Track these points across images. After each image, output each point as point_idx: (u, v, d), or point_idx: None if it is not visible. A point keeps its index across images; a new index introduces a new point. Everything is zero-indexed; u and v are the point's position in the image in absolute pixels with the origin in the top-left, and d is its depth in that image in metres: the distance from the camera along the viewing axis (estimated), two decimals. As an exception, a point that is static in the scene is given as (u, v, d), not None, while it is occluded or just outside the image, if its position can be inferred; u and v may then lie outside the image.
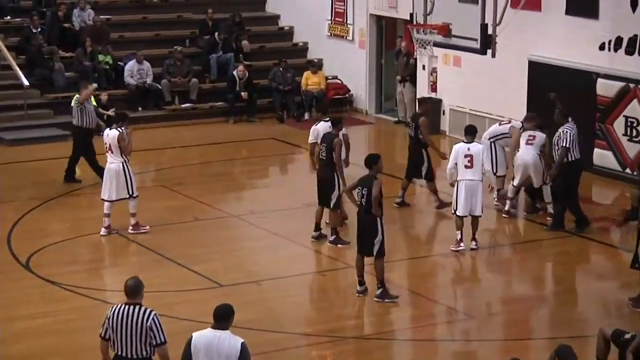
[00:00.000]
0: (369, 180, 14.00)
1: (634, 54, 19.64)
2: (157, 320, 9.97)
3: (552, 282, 15.17)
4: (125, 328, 9.96)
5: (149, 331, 9.94)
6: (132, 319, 9.96)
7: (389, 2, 24.42)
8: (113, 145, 16.40)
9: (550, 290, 14.85)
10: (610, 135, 19.98)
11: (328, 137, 16.30)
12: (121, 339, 10.00)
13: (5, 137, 22.52)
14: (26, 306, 14.16)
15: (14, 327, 13.52)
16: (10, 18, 25.28)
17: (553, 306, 14.40)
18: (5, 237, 16.65)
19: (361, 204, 14.05)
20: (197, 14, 26.61)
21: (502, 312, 14.33)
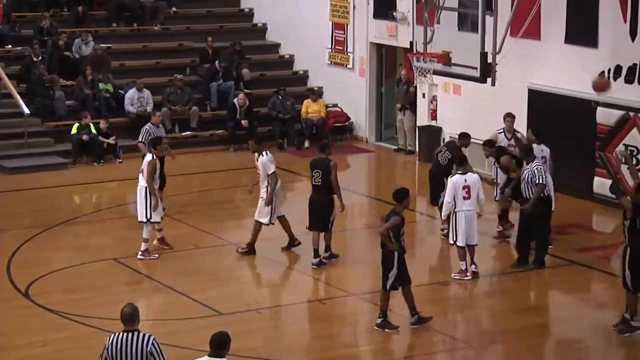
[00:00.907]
0: (390, 215, 13.90)
1: (633, 83, 19.67)
2: (157, 345, 9.83)
3: (552, 311, 15.11)
4: (125, 356, 9.77)
5: (149, 356, 9.79)
6: (132, 345, 9.79)
7: (389, 31, 24.50)
8: (144, 168, 16.72)
9: (550, 319, 14.79)
10: (610, 164, 19.98)
11: (321, 163, 16.59)
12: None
13: (5, 165, 22.54)
14: (25, 334, 14.11)
15: (13, 356, 13.48)
16: (12, 47, 25.37)
17: (553, 335, 14.35)
18: (5, 265, 16.63)
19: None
20: (198, 42, 26.71)
21: (502, 341, 14.27)
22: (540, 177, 16.07)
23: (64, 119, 23.98)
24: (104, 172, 22.74)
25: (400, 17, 23.90)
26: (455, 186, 16.01)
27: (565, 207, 19.81)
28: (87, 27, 26.12)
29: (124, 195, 20.88)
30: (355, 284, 16.03)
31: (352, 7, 25.44)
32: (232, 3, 28.83)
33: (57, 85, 24.46)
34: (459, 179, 16.06)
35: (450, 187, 16.10)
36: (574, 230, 18.80)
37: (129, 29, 26.99)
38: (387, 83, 25.51)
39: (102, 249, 17.37)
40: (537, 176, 16.08)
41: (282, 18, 27.40)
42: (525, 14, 19.71)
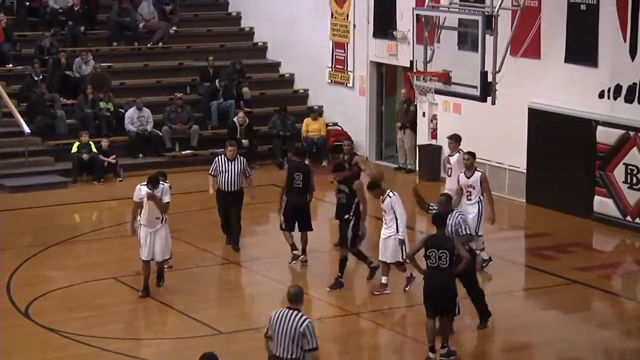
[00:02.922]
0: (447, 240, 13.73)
1: (633, 102, 19.70)
2: (310, 328, 10.63)
3: (553, 330, 15.08)
4: (282, 329, 10.65)
5: (301, 336, 10.60)
6: (288, 322, 10.65)
7: (389, 50, 24.55)
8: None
9: (551, 338, 14.76)
10: (611, 183, 19.99)
11: (304, 167, 17.47)
12: (277, 340, 10.67)
13: (6, 184, 22.54)
14: (25, 354, 14.07)
15: (12, 375, 13.50)
16: (12, 66, 25.42)
17: (554, 354, 14.30)
18: (5, 285, 16.60)
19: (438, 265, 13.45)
20: (198, 61, 26.76)
21: (503, 360, 14.29)
22: (468, 227, 14.63)
23: (64, 137, 23.99)
24: (104, 190, 22.74)
25: (401, 36, 23.94)
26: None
27: (565, 226, 19.89)
28: (85, 45, 26.17)
29: (124, 214, 20.84)
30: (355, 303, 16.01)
31: (353, 26, 25.49)
32: (232, 22, 28.92)
33: (58, 104, 24.48)
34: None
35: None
36: (574, 249, 18.80)
37: (129, 47, 27.04)
38: (387, 102, 25.54)
39: (102, 268, 17.34)
40: (464, 226, 14.50)
41: (282, 37, 27.46)
42: (525, 33, 19.79)
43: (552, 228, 19.96)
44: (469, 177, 16.94)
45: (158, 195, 15.66)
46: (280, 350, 10.72)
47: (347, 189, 16.40)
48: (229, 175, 17.82)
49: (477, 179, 16.93)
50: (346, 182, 16.52)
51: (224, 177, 17.83)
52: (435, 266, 13.41)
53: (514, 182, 21.83)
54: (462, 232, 14.32)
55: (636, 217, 19.59)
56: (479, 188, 16.93)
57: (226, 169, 17.85)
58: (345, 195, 16.41)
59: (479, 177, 16.95)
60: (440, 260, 13.41)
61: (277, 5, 27.39)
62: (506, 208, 21.60)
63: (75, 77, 25.22)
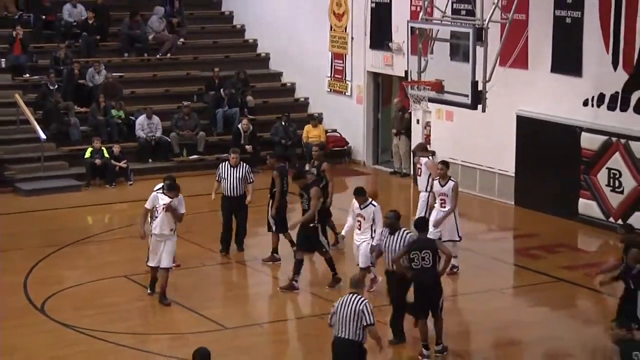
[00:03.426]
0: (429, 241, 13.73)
1: (615, 110, 19.66)
2: (368, 307, 11.52)
3: (541, 326, 15.01)
4: (344, 311, 11.49)
5: (360, 313, 11.43)
6: (350, 303, 11.54)
7: (385, 60, 24.51)
8: None
9: (539, 334, 14.70)
10: (594, 186, 19.94)
11: (283, 169, 17.47)
12: (340, 322, 11.48)
13: (23, 187, 22.50)
14: (41, 349, 14.01)
15: (28, 369, 13.44)
16: (29, 76, 25.37)
17: (542, 350, 14.23)
18: (21, 283, 16.56)
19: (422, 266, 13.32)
20: (205, 71, 26.73)
21: (493, 357, 14.18)
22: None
23: (78, 143, 23.96)
24: (116, 194, 22.70)
25: (396, 47, 23.90)
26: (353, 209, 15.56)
27: (552, 227, 19.85)
28: (97, 56, 26.13)
29: (134, 216, 20.76)
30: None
31: (351, 38, 25.46)
32: (236, 34, 28.90)
33: (72, 112, 24.46)
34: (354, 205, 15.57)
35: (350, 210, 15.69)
36: (560, 249, 18.76)
37: (139, 58, 27.01)
38: (383, 110, 25.50)
39: (114, 267, 17.29)
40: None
41: (284, 48, 27.44)
42: (514, 45, 19.73)
43: (539, 229, 19.92)
44: (443, 186, 16.62)
45: (175, 204, 15.34)
46: (343, 330, 11.50)
47: (307, 196, 16.17)
48: (232, 181, 17.71)
49: (450, 187, 16.61)
50: (305, 188, 16.26)
51: (227, 182, 17.72)
52: (419, 267, 13.29)
53: (503, 185, 21.79)
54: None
55: (619, 218, 19.53)
56: (452, 196, 16.59)
57: (229, 175, 17.72)
58: (306, 201, 16.20)
59: (452, 187, 16.63)
60: (423, 260, 13.28)
61: (279, 18, 27.36)
62: (496, 210, 21.60)
63: (88, 87, 25.19)
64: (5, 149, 23.24)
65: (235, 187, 17.74)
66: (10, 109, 24.09)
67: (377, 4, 24.62)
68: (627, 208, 19.40)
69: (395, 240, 13.92)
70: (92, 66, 25.38)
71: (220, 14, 29.55)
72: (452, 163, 22.72)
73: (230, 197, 17.77)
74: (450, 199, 16.57)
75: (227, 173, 17.76)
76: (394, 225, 14.04)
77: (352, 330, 11.47)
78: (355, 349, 11.58)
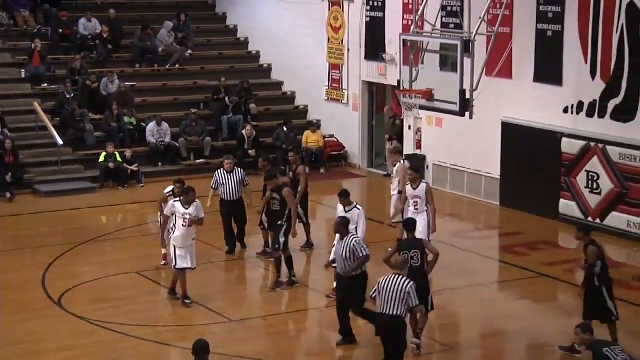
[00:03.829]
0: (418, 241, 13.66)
1: (593, 117, 19.70)
2: (413, 290, 11.91)
3: (524, 318, 15.05)
4: (389, 290, 11.86)
5: (406, 295, 11.85)
6: (396, 284, 11.91)
7: (379, 71, 24.55)
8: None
9: (522, 326, 14.74)
10: (574, 188, 19.98)
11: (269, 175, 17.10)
12: (385, 300, 11.85)
13: (41, 189, 22.54)
14: (58, 339, 14.06)
15: (46, 359, 13.44)
16: (47, 85, 25.40)
17: (525, 340, 14.28)
18: (40, 278, 16.60)
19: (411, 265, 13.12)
20: (211, 81, 26.75)
21: (479, 346, 14.22)
22: (364, 248, 13.41)
23: (92, 148, 23.99)
24: (128, 195, 22.73)
25: (389, 58, 23.94)
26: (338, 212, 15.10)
27: (534, 226, 19.89)
28: (111, 67, 26.18)
29: (145, 216, 20.90)
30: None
31: (347, 49, 25.49)
32: (240, 47, 28.92)
33: (87, 119, 24.50)
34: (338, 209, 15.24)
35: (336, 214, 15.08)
36: (542, 246, 18.79)
37: (150, 69, 27.04)
38: (377, 117, 25.53)
39: (125, 263, 17.33)
40: (359, 249, 13.37)
41: (285, 59, 27.46)
42: (499, 56, 19.78)
43: (522, 228, 19.96)
44: (415, 189, 16.36)
45: (194, 213, 15.10)
46: (388, 307, 11.88)
47: (278, 197, 16.01)
48: (229, 186, 17.61)
49: (423, 190, 16.38)
50: (278, 190, 16.08)
51: (225, 188, 17.60)
52: (408, 266, 13.08)
53: (489, 187, 21.83)
54: (359, 254, 13.29)
55: (597, 217, 19.60)
56: (425, 198, 16.26)
57: (226, 180, 17.61)
58: (277, 202, 16.05)
59: (425, 188, 16.41)
60: (412, 260, 13.20)
61: (280, 31, 27.39)
62: (482, 210, 21.62)
63: (102, 95, 25.22)
64: (25, 154, 23.26)
65: (233, 192, 17.63)
66: (29, 116, 24.13)
67: (371, 18, 24.66)
68: (605, 208, 19.46)
69: (342, 245, 13.40)
70: (105, 76, 25.42)
71: (225, 28, 29.59)
72: (442, 166, 22.93)
73: (229, 201, 17.67)
74: (423, 201, 16.25)
75: (224, 179, 17.64)
76: (342, 231, 13.55)
77: (397, 308, 11.87)
78: (399, 325, 12.06)
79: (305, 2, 26.43)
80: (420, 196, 16.34)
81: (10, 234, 19.66)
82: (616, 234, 19.12)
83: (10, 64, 25.87)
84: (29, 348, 13.74)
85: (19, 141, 23.23)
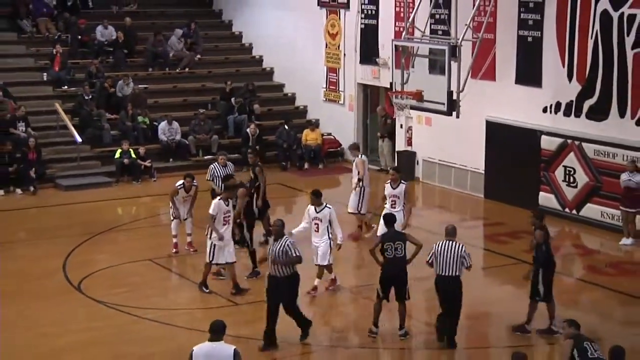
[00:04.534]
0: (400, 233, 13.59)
1: (570, 116, 19.71)
2: (466, 250, 12.75)
3: (506, 302, 15.04)
4: (447, 255, 12.71)
5: (462, 258, 12.70)
6: (452, 249, 12.72)
7: (373, 74, 24.53)
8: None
9: (504, 309, 14.73)
10: (552, 181, 19.99)
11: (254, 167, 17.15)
12: (443, 263, 12.69)
13: (62, 183, 22.52)
14: (78, 322, 14.09)
15: (66, 339, 13.46)
16: (67, 87, 25.35)
17: (506, 322, 14.24)
18: (61, 265, 16.60)
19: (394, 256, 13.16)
20: (218, 83, 26.71)
21: (465, 327, 14.20)
22: (294, 250, 12.90)
23: (109, 145, 23.96)
24: (141, 189, 22.72)
25: (382, 62, 23.92)
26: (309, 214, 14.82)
27: (516, 216, 19.86)
28: (125, 70, 26.14)
29: (157, 208, 20.87)
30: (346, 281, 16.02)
31: (343, 54, 25.47)
32: (245, 52, 28.89)
33: (104, 119, 24.46)
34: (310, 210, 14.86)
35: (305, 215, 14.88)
36: (523, 235, 18.70)
37: (162, 72, 27.00)
38: (371, 116, 25.52)
39: (139, 252, 17.32)
40: (292, 249, 12.90)
41: (286, 63, 27.43)
42: (483, 60, 19.78)
43: (505, 218, 19.96)
44: (395, 188, 16.14)
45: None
46: (446, 269, 12.72)
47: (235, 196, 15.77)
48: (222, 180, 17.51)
49: (402, 190, 16.09)
50: (231, 188, 15.68)
51: (219, 180, 17.46)
52: (392, 257, 13.09)
53: (474, 181, 21.83)
54: (291, 254, 12.77)
55: (573, 209, 19.61)
56: (403, 198, 16.05)
57: (220, 173, 17.55)
58: (236, 200, 15.78)
59: (403, 189, 16.11)
60: (396, 251, 13.10)
61: (282, 37, 27.36)
62: (468, 202, 21.62)
63: (118, 97, 25.19)
64: (47, 151, 23.24)
65: None
66: (51, 116, 24.10)
67: (366, 25, 24.63)
68: (580, 200, 19.47)
69: (277, 246, 12.79)
70: (121, 79, 25.39)
71: (231, 34, 29.54)
72: (431, 162, 22.92)
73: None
74: (401, 200, 16.02)
75: (219, 172, 17.60)
76: (279, 233, 12.93)
77: (454, 270, 12.67)
78: (457, 284, 12.79)
79: (304, 11, 26.39)
80: (399, 196, 16.08)
81: (33, 225, 19.67)
82: (591, 224, 19.14)
83: (33, 68, 25.82)
84: (52, 330, 13.75)
85: (42, 139, 23.20)
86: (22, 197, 21.70)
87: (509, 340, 13.56)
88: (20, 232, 19.24)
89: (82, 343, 13.30)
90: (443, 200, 21.89)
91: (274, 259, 12.80)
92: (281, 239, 12.91)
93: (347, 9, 25.11)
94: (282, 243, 12.86)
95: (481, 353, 13.28)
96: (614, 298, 15.31)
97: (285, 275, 12.83)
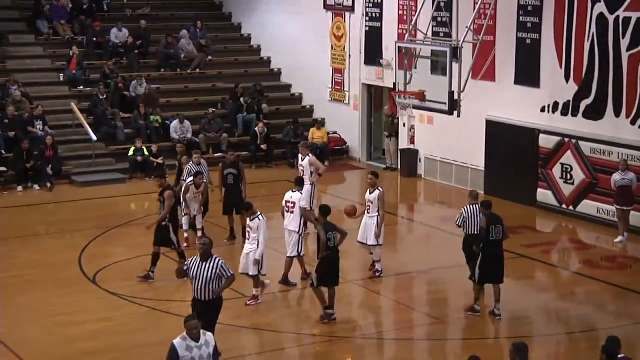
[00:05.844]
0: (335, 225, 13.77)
1: (567, 115, 19.73)
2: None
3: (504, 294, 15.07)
4: (474, 218, 14.11)
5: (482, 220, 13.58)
6: (478, 211, 13.95)
7: (377, 74, 24.56)
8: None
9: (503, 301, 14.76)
10: (550, 179, 20.02)
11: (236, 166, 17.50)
12: (469, 224, 14.17)
13: (77, 180, 22.62)
14: (92, 313, 14.18)
15: (82, 329, 13.56)
16: (83, 87, 25.45)
17: (505, 313, 14.31)
18: (77, 259, 16.69)
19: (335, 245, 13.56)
20: (227, 83, 26.77)
21: (465, 318, 14.27)
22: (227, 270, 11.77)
23: (123, 143, 24.04)
24: (154, 185, 22.64)
25: (386, 63, 23.95)
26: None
27: (515, 212, 19.88)
28: (139, 71, 26.21)
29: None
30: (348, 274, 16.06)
31: (348, 56, 25.50)
32: (254, 53, 28.91)
33: (118, 118, 24.54)
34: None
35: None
36: (522, 230, 18.81)
37: (173, 73, 27.06)
38: (375, 115, 25.55)
39: (152, 245, 17.29)
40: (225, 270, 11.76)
41: (293, 64, 27.47)
42: (484, 61, 19.80)
43: (504, 214, 19.55)
44: (371, 193, 15.36)
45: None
46: (475, 229, 14.00)
47: (162, 198, 15.59)
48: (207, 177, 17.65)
49: (376, 196, 15.29)
50: (161, 192, 15.61)
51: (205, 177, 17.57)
52: (334, 246, 13.48)
53: (475, 177, 21.86)
54: (226, 275, 11.71)
55: (570, 205, 19.63)
56: (376, 204, 15.26)
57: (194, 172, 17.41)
58: (161, 204, 15.65)
59: (377, 195, 15.28)
60: (335, 240, 13.48)
61: (289, 38, 27.40)
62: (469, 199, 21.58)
63: (131, 96, 25.27)
64: (64, 148, 23.34)
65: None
66: (67, 115, 24.20)
67: (370, 27, 24.67)
68: (577, 197, 19.50)
69: (208, 267, 11.62)
70: (134, 80, 25.47)
71: (240, 36, 29.58)
72: (433, 160, 22.95)
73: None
74: (376, 207, 15.27)
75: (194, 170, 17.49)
76: (207, 252, 11.75)
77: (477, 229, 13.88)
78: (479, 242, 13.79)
79: (311, 14, 26.42)
80: (373, 202, 15.35)
81: (50, 219, 19.78)
82: (587, 219, 19.17)
83: (50, 69, 25.92)
84: (68, 319, 13.85)
85: (58, 137, 23.30)
86: (39, 193, 21.81)
87: (509, 331, 13.59)
88: (39, 226, 19.34)
89: (96, 332, 13.40)
90: (444, 196, 21.93)
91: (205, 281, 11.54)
92: (211, 258, 11.65)
93: (353, 12, 25.14)
94: (214, 263, 11.61)
95: (479, 344, 13.31)
96: (608, 290, 15.34)
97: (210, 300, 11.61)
